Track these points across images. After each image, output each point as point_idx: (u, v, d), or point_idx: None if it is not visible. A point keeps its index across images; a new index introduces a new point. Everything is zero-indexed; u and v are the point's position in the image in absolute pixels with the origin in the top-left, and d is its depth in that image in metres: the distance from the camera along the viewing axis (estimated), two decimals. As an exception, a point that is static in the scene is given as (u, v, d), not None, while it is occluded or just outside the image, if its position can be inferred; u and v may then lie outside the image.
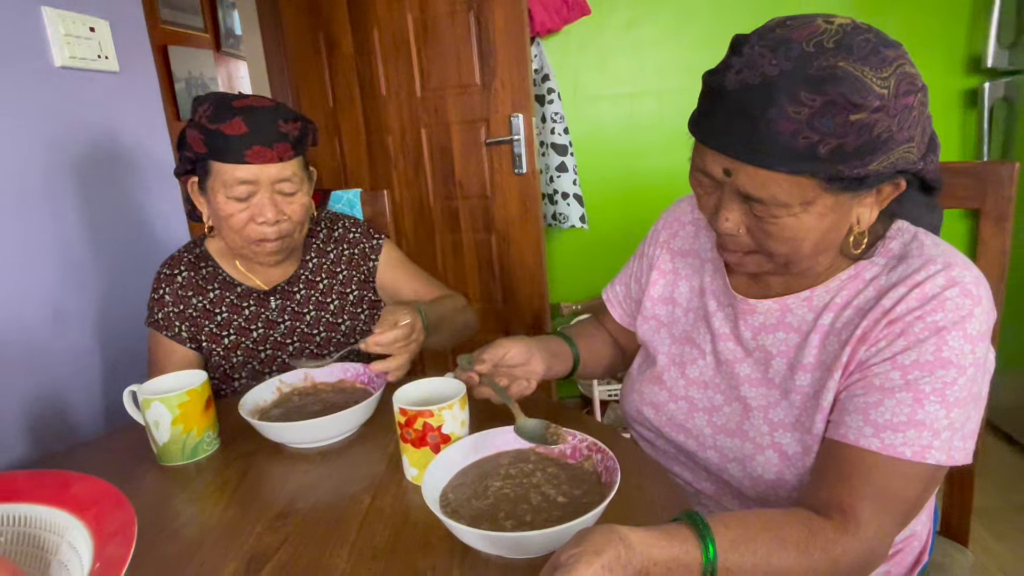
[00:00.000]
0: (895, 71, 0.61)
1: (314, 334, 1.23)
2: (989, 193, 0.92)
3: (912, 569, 0.85)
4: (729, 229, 0.71)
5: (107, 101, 1.44)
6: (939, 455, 0.64)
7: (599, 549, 0.52)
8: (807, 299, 0.77)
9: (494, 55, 2.06)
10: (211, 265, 1.21)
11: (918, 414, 0.65)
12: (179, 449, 0.92)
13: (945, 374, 0.65)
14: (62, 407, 1.29)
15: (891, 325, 0.68)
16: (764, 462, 0.77)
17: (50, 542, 0.61)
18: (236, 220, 1.09)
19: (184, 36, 3.19)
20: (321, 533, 0.74)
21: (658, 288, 0.95)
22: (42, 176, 1.27)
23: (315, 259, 1.26)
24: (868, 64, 0.60)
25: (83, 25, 1.33)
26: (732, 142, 0.64)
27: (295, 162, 1.11)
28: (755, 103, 0.61)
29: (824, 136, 0.60)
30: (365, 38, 2.21)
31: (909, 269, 0.69)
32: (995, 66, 2.18)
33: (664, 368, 0.90)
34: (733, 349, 0.83)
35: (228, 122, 1.03)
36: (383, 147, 2.30)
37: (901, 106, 0.61)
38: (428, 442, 0.79)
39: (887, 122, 0.60)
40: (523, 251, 2.21)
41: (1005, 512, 1.91)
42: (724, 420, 0.82)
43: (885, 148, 0.62)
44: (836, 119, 0.59)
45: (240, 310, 1.19)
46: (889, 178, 0.66)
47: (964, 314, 0.65)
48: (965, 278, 0.67)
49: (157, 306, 1.17)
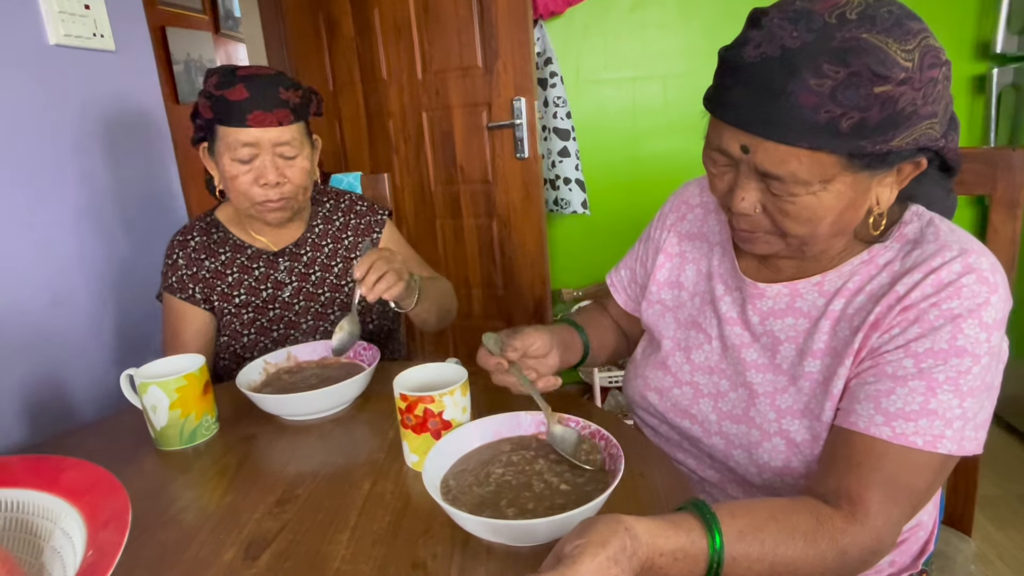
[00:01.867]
0: (919, 43, 0.59)
1: (319, 294, 1.28)
2: (1000, 179, 0.91)
3: (917, 559, 0.84)
4: (745, 209, 0.69)
5: (103, 81, 1.41)
6: (951, 445, 0.63)
7: (604, 540, 0.51)
8: (818, 284, 0.75)
9: (496, 37, 2.03)
10: (222, 230, 1.27)
11: (931, 403, 0.63)
12: (177, 434, 0.91)
13: (960, 363, 0.63)
14: (60, 391, 1.29)
15: (905, 312, 0.66)
16: (771, 449, 0.76)
17: (43, 528, 0.60)
18: (241, 182, 1.14)
19: (182, 17, 3.15)
20: (321, 519, 0.73)
21: (664, 272, 0.93)
22: (36, 158, 1.26)
23: (321, 225, 1.31)
24: (892, 36, 0.58)
25: (78, 2, 1.31)
26: (751, 117, 0.63)
27: (295, 127, 1.15)
28: (776, 76, 0.59)
29: (847, 109, 0.58)
30: (366, 20, 2.18)
31: (924, 255, 0.68)
32: (1004, 52, 2.15)
33: (669, 353, 0.88)
34: (740, 334, 0.81)
35: (231, 88, 1.10)
36: (384, 131, 2.28)
37: (927, 79, 0.59)
38: (429, 428, 0.78)
39: (912, 95, 0.59)
40: (525, 237, 2.20)
41: (1007, 501, 1.91)
42: (730, 406, 0.81)
43: (908, 123, 0.60)
44: (860, 91, 0.57)
45: (250, 271, 1.25)
46: (910, 156, 0.64)
47: (980, 302, 0.64)
48: (982, 265, 0.65)
49: (171, 271, 1.23)
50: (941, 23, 2.27)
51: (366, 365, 1.05)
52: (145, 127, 1.54)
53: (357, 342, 1.10)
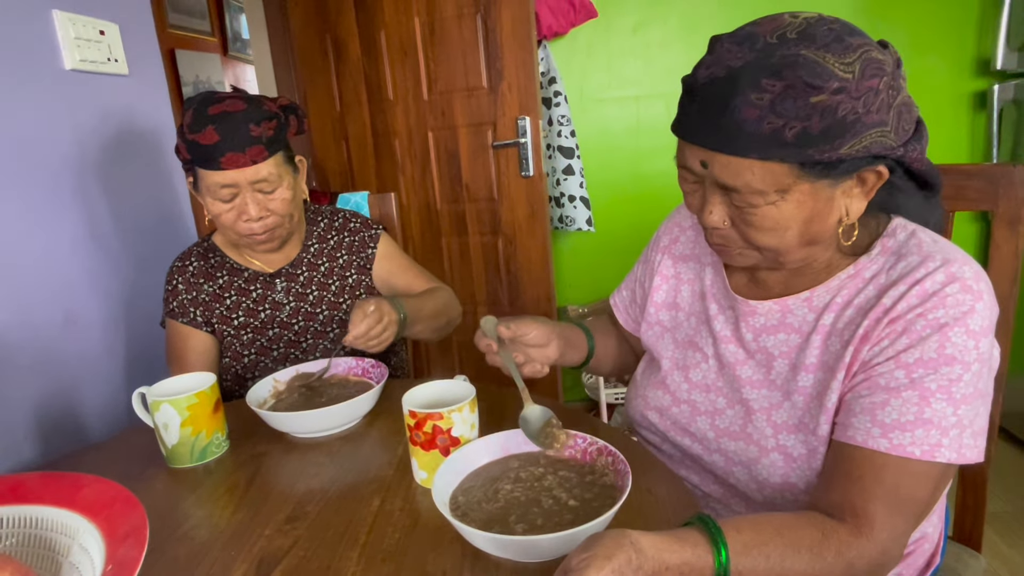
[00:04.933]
0: (860, 56, 0.62)
1: (317, 313, 1.28)
2: (1001, 195, 0.91)
3: (923, 572, 0.84)
4: (715, 223, 0.72)
5: (117, 104, 1.44)
6: (949, 453, 0.64)
7: (610, 554, 0.52)
8: (807, 299, 0.77)
9: (501, 58, 2.06)
10: (218, 255, 1.29)
11: (925, 412, 0.64)
12: (188, 451, 0.92)
13: (950, 371, 0.64)
14: (73, 410, 1.30)
15: (893, 323, 0.67)
16: (769, 465, 0.76)
17: (61, 544, 0.61)
18: (225, 219, 1.16)
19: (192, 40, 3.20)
20: (331, 536, 0.74)
21: (661, 294, 0.95)
22: (51, 179, 1.28)
23: (316, 244, 1.32)
24: (831, 51, 0.61)
25: (93, 28, 1.34)
26: (705, 134, 0.66)
27: (270, 162, 1.14)
28: (721, 93, 0.64)
29: (788, 120, 0.61)
30: (372, 41, 2.22)
31: (908, 267, 0.69)
32: (1004, 68, 2.17)
33: (668, 372, 0.89)
34: (735, 351, 0.82)
35: (202, 132, 1.09)
36: (390, 150, 2.31)
37: (865, 88, 0.61)
38: (438, 445, 0.79)
39: (851, 104, 0.61)
40: (530, 254, 2.21)
41: (1018, 517, 1.89)
42: (727, 423, 0.81)
43: (854, 131, 0.62)
44: (798, 102, 0.61)
45: (248, 293, 1.26)
46: (866, 163, 0.65)
47: (965, 310, 0.64)
48: (965, 273, 0.66)
49: (172, 296, 1.25)
50: (941, 40, 2.30)
51: (375, 383, 1.06)
52: (156, 148, 1.57)
53: (366, 359, 1.13)
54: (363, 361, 1.12)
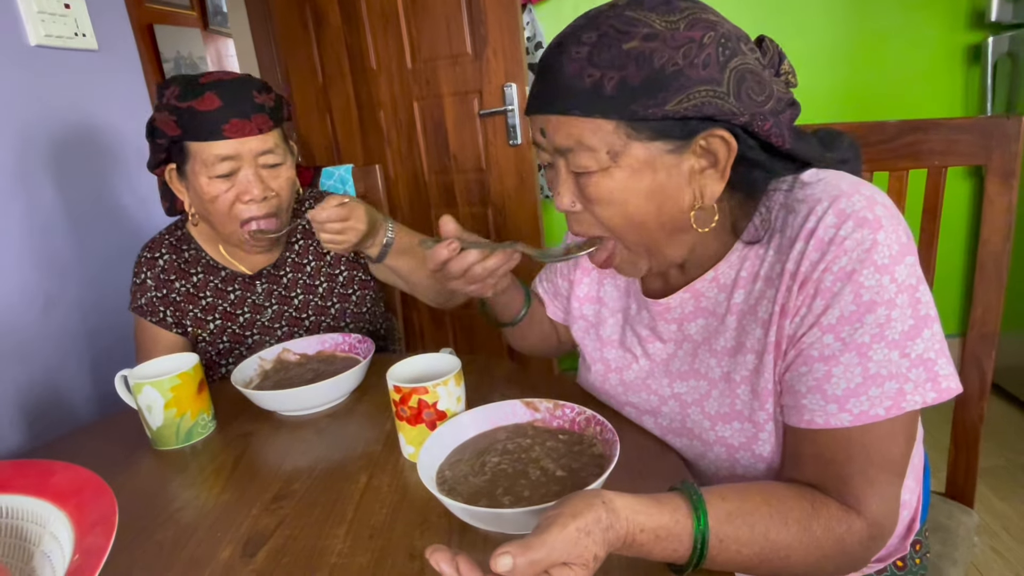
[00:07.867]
0: (686, 16, 0.61)
1: (302, 318, 1.21)
2: (995, 149, 0.89)
3: (904, 539, 0.82)
4: (566, 205, 0.71)
5: (87, 81, 1.40)
6: (916, 398, 0.60)
7: (576, 512, 0.50)
8: (714, 279, 0.74)
9: (485, 23, 2.01)
10: (193, 248, 1.18)
11: (871, 368, 0.60)
12: (173, 433, 0.91)
13: (875, 317, 0.60)
14: (56, 395, 1.28)
15: (803, 287, 0.64)
16: (715, 459, 0.75)
17: (33, 533, 0.60)
18: (222, 202, 1.05)
19: (170, 15, 3.12)
20: (318, 513, 0.73)
21: (583, 287, 0.92)
22: (19, 161, 1.25)
23: (301, 240, 1.23)
24: (656, 12, 0.61)
25: (57, 1, 1.30)
26: (538, 100, 0.67)
27: (275, 133, 1.07)
28: (551, 57, 0.65)
29: (605, 70, 0.61)
30: (353, 10, 2.16)
31: (798, 218, 0.65)
32: (999, 20, 2.12)
33: (605, 376, 0.88)
34: (661, 348, 0.81)
35: (199, 98, 0.98)
36: (375, 122, 2.26)
37: (684, 38, 0.60)
38: (424, 419, 0.78)
39: (668, 53, 0.60)
40: (520, 223, 2.19)
41: (1011, 471, 1.91)
42: (668, 421, 0.80)
43: (677, 85, 0.60)
44: (612, 51, 0.61)
45: (225, 294, 1.17)
46: (702, 126, 0.62)
47: (867, 247, 0.60)
48: (855, 205, 0.62)
49: (140, 291, 1.15)
50: (935, -8, 2.25)
51: (361, 358, 1.04)
52: (132, 125, 1.53)
53: (353, 335, 1.10)
54: (350, 337, 1.10)
